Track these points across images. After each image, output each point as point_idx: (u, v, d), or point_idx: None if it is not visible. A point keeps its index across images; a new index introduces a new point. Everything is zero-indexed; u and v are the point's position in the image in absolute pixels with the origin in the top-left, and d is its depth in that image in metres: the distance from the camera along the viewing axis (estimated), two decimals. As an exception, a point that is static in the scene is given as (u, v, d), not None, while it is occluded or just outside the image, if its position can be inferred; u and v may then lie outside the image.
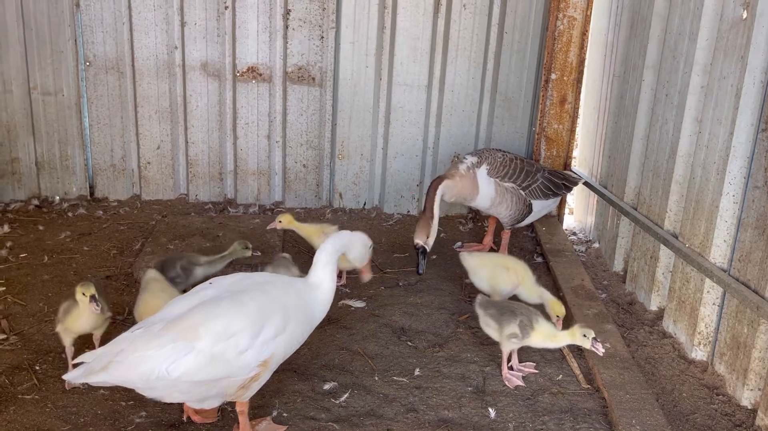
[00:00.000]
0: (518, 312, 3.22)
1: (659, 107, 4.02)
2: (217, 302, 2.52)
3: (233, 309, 2.50)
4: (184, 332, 2.40)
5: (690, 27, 3.68)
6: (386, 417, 3.00)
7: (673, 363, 3.55)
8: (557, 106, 4.96)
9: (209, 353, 2.40)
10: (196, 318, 2.45)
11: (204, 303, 2.53)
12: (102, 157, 5.09)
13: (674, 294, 3.76)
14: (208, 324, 2.44)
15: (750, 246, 3.19)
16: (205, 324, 2.43)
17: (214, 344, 2.41)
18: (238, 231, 4.56)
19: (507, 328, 3.19)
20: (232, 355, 2.44)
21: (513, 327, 3.17)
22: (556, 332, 3.20)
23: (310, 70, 5.00)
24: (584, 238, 5.14)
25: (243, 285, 2.64)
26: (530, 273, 3.69)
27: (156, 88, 5.00)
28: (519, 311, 3.23)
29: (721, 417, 3.15)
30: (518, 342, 3.20)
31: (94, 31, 4.85)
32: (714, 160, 3.44)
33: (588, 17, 4.79)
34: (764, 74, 3.14)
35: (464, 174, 4.21)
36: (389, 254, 4.62)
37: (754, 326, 3.13)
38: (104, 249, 4.40)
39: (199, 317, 2.45)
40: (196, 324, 2.42)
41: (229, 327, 2.45)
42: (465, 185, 4.21)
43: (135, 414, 2.92)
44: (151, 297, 3.11)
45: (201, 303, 2.52)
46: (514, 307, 3.27)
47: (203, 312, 2.47)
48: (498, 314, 3.26)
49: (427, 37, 4.94)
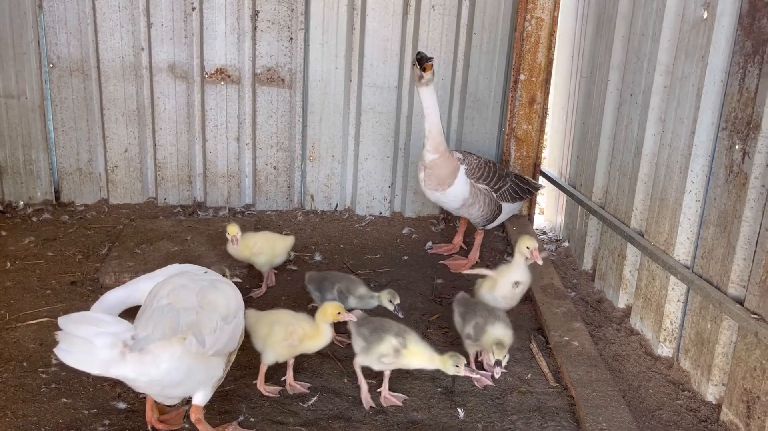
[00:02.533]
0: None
1: (624, 107, 4.07)
2: (218, 285, 2.63)
3: (233, 290, 2.69)
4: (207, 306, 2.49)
5: (653, 28, 3.73)
6: (355, 420, 2.99)
7: (639, 360, 3.59)
8: (526, 107, 4.99)
9: (232, 327, 2.57)
10: (221, 299, 2.56)
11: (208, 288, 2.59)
12: (67, 161, 5.00)
13: (641, 291, 3.81)
14: (230, 301, 2.61)
15: (712, 243, 3.24)
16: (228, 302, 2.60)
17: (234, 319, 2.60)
18: (206, 234, 4.51)
19: (376, 349, 3.02)
20: (238, 325, 2.64)
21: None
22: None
23: (280, 72, 4.97)
24: (554, 238, 5.18)
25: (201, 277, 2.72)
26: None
27: (122, 90, 4.92)
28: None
29: (686, 413, 3.19)
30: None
31: (57, 32, 4.76)
32: (677, 158, 3.48)
33: (555, 18, 4.83)
34: (724, 74, 3.20)
35: (449, 156, 4.18)
36: (361, 256, 4.61)
37: (717, 322, 3.18)
38: (69, 255, 4.32)
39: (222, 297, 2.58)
40: (214, 300, 2.53)
41: (230, 303, 2.60)
42: (448, 163, 4.17)
43: (98, 423, 2.86)
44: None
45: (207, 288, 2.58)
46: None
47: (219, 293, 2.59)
48: (464, 313, 3.30)
49: (397, 38, 4.94)
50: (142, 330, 2.31)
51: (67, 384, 3.09)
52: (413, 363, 3.03)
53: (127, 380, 2.37)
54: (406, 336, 3.02)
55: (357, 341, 3.11)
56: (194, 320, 2.41)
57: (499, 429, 2.98)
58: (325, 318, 3.06)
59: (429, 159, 4.14)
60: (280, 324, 3.05)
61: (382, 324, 3.08)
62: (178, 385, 2.46)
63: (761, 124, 2.90)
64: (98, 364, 2.22)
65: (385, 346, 2.99)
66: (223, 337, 2.53)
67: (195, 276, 2.64)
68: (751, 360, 2.93)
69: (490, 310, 3.30)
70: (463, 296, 3.46)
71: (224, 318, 2.53)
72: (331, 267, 4.43)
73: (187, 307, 2.44)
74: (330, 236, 4.89)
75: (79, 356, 2.20)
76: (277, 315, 3.13)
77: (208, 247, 4.32)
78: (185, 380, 2.46)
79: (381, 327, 3.05)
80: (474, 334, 3.19)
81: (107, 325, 2.25)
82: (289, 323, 3.06)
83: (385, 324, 3.08)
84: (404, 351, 2.98)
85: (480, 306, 3.34)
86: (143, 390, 2.51)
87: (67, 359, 2.19)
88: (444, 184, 4.19)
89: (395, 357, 2.99)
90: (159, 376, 2.35)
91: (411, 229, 5.05)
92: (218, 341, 2.50)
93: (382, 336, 3.01)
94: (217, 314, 2.50)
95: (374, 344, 3.01)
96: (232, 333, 2.59)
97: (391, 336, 3.00)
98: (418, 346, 3.01)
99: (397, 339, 2.99)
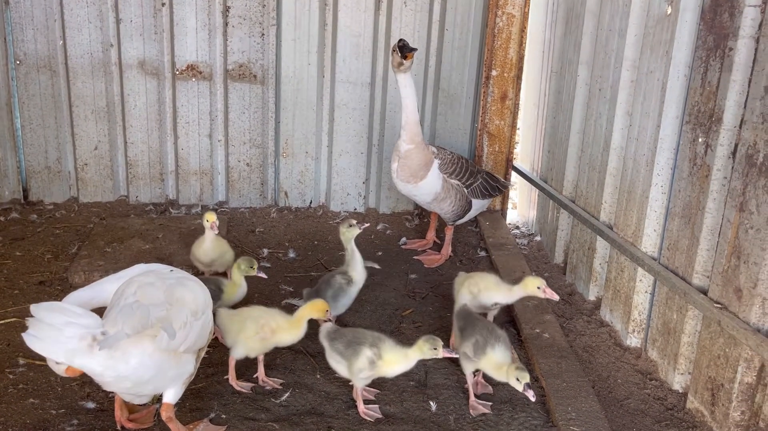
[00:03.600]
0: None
1: (593, 102, 4.12)
2: (185, 282, 2.63)
3: (200, 286, 2.68)
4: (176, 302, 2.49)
5: (620, 24, 3.79)
6: (327, 415, 2.99)
7: (609, 351, 3.65)
8: (498, 102, 5.03)
9: (201, 323, 2.57)
10: (188, 295, 2.56)
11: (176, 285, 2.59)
12: (36, 159, 4.92)
13: (610, 283, 3.87)
14: (197, 297, 2.60)
15: (677, 234, 3.30)
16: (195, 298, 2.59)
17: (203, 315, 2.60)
18: (179, 232, 4.47)
19: (357, 362, 2.95)
20: (208, 323, 2.64)
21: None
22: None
23: (252, 68, 4.94)
24: (527, 232, 5.23)
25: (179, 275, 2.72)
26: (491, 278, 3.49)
27: (91, 87, 4.86)
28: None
29: (653, 401, 3.25)
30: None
31: (24, 28, 4.68)
32: (644, 152, 3.54)
33: (526, 14, 4.87)
34: (688, 68, 3.26)
35: (424, 148, 4.18)
36: (335, 252, 4.61)
37: (683, 312, 3.24)
38: (38, 254, 4.25)
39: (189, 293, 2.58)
40: (182, 296, 2.53)
41: (197, 299, 2.59)
42: (422, 155, 4.16)
43: (66, 423, 2.82)
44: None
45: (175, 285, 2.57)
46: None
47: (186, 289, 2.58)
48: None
49: (369, 35, 4.94)
50: (111, 327, 2.29)
51: (34, 384, 3.05)
52: (392, 370, 2.94)
53: (93, 374, 2.35)
54: (380, 345, 2.92)
55: (333, 357, 3.03)
56: (164, 315, 2.41)
57: (471, 421, 3.01)
58: (311, 313, 3.07)
59: (404, 149, 4.14)
60: (251, 319, 3.05)
61: (355, 336, 2.99)
62: (147, 382, 2.44)
63: (723, 118, 2.96)
64: (64, 353, 2.20)
65: (362, 360, 2.90)
66: (193, 334, 2.53)
67: (162, 274, 2.63)
68: (715, 349, 2.99)
69: (491, 329, 3.07)
70: (464, 309, 3.26)
71: (193, 313, 2.53)
72: (305, 264, 4.42)
73: (156, 303, 2.44)
74: (304, 233, 4.88)
75: (47, 343, 2.18)
76: (250, 312, 3.13)
77: (180, 245, 4.28)
78: (155, 377, 2.44)
79: (355, 340, 2.95)
80: (474, 353, 3.00)
81: (79, 317, 2.24)
82: (260, 317, 3.06)
83: (358, 335, 2.98)
84: (380, 362, 2.90)
85: (480, 324, 3.11)
86: (112, 387, 2.48)
87: (35, 345, 2.17)
88: (417, 176, 4.19)
89: (371, 369, 2.90)
90: (127, 372, 2.33)
91: (385, 225, 5.06)
92: (189, 337, 2.50)
93: (357, 350, 2.91)
94: (187, 309, 2.50)
95: (351, 359, 2.92)
96: (201, 330, 2.58)
97: (365, 347, 2.91)
98: (393, 353, 2.93)
99: (371, 350, 2.90)
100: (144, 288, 2.48)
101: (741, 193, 2.83)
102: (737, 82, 2.89)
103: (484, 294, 3.41)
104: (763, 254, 2.69)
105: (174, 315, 2.44)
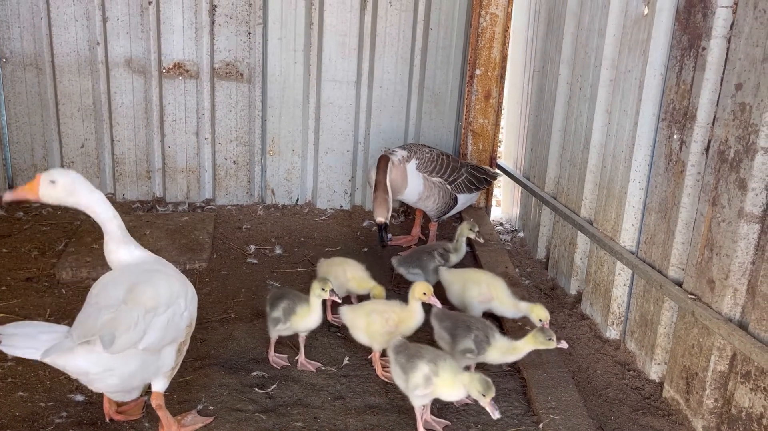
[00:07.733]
0: (473, 327, 3.07)
1: (574, 100, 4.21)
2: (150, 276, 2.58)
3: (166, 280, 2.61)
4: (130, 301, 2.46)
5: (599, 23, 3.88)
6: (313, 406, 3.05)
7: (589, 343, 3.74)
8: (482, 101, 5.11)
9: (166, 318, 2.51)
10: (148, 291, 2.51)
11: (139, 281, 2.54)
12: (22, 157, 4.94)
13: (590, 277, 3.96)
14: (159, 292, 2.53)
15: (654, 229, 3.39)
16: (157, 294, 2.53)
17: (168, 309, 2.54)
18: (166, 229, 4.51)
19: (461, 344, 3.06)
20: (178, 317, 2.59)
21: (467, 343, 3.04)
22: (514, 344, 3.04)
23: (238, 66, 4.99)
24: (510, 228, 5.32)
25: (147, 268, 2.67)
26: (504, 285, 3.57)
27: (78, 85, 4.88)
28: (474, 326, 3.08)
29: (631, 391, 3.34)
30: (473, 358, 3.07)
31: (10, 26, 4.69)
32: (622, 149, 3.64)
33: (509, 14, 4.96)
34: (664, 67, 3.35)
35: (397, 165, 4.32)
36: (321, 248, 4.66)
37: (659, 304, 3.34)
38: (25, 251, 4.27)
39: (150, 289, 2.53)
40: (139, 294, 2.49)
41: (159, 294, 2.54)
42: (397, 176, 4.32)
43: (55, 415, 2.86)
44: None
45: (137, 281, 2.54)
46: (469, 322, 3.12)
47: (148, 285, 2.53)
48: (452, 328, 3.14)
49: (355, 34, 5.01)
50: (74, 330, 2.36)
51: (23, 378, 3.08)
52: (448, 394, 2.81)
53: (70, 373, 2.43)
54: (439, 362, 2.79)
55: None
56: (111, 318, 2.37)
57: (454, 411, 3.08)
58: (420, 296, 3.21)
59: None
60: (376, 313, 3.26)
61: (418, 350, 2.88)
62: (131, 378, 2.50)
63: (697, 115, 3.05)
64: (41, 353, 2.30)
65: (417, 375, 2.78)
66: (155, 330, 2.47)
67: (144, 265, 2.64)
68: (690, 339, 3.09)
69: (483, 323, 3.13)
70: (440, 311, 3.26)
71: (151, 310, 2.46)
72: (291, 260, 4.48)
73: (110, 305, 2.42)
74: (291, 230, 4.93)
75: (24, 347, 2.30)
76: (372, 305, 3.34)
77: (167, 242, 4.32)
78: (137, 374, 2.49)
79: (416, 355, 2.84)
80: (476, 348, 3.05)
81: (46, 327, 2.39)
82: (383, 311, 3.25)
83: (421, 350, 2.88)
84: (435, 379, 2.77)
85: (467, 320, 3.16)
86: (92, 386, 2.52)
87: (14, 351, 2.29)
88: (399, 192, 4.39)
89: (426, 386, 2.77)
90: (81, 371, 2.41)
91: (371, 222, 5.13)
92: (149, 334, 2.45)
93: (415, 364, 2.80)
94: (140, 308, 2.43)
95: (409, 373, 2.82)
96: (169, 324, 2.53)
97: (423, 362, 2.78)
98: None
99: (428, 366, 2.78)
100: (106, 288, 2.51)
101: (713, 188, 2.92)
102: (710, 80, 2.99)
103: (495, 303, 3.55)
104: (734, 246, 2.78)
105: (122, 317, 2.39)
